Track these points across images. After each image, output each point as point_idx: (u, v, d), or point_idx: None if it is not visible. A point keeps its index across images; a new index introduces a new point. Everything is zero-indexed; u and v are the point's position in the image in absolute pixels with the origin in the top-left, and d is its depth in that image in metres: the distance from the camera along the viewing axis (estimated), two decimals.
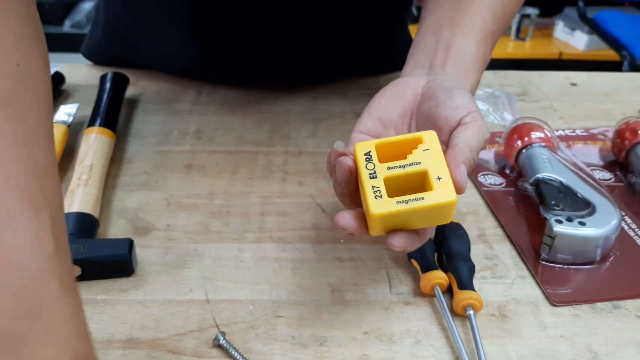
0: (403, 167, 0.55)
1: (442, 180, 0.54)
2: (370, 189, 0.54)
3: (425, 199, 0.53)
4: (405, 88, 0.66)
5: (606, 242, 0.71)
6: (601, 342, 0.63)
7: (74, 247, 0.68)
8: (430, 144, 0.56)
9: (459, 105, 0.61)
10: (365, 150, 0.56)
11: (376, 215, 0.53)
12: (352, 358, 0.61)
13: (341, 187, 0.57)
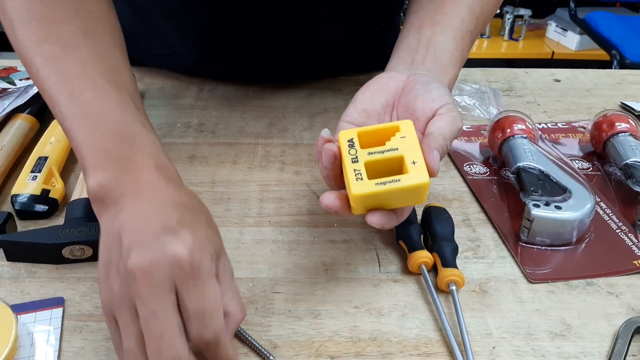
0: (382, 153, 0.61)
1: (416, 165, 0.60)
2: (352, 172, 0.60)
3: (401, 181, 0.59)
4: (388, 82, 0.71)
5: (581, 225, 0.77)
6: (574, 315, 0.68)
7: (86, 230, 0.73)
8: (407, 132, 0.62)
9: (435, 98, 0.67)
10: (348, 137, 0.62)
11: (357, 195, 0.59)
12: (344, 329, 0.66)
13: (327, 171, 0.63)
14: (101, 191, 0.56)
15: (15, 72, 1.10)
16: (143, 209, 0.54)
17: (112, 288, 0.52)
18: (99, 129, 0.59)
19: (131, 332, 0.52)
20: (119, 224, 0.54)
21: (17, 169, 0.89)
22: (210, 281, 0.53)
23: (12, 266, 0.73)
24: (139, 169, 0.57)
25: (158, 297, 0.50)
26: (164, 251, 0.51)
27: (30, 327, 0.64)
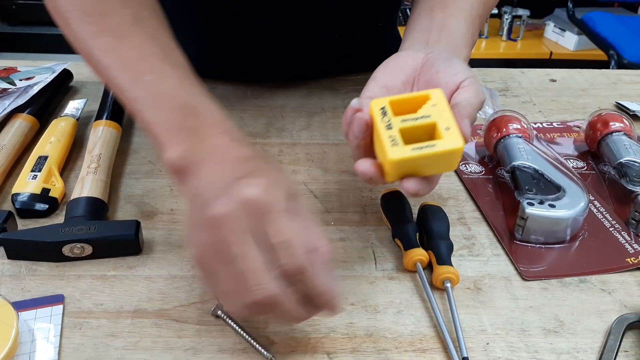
0: (415, 120, 0.62)
1: (450, 130, 0.61)
2: (388, 138, 0.60)
3: (437, 146, 0.60)
4: (407, 59, 0.72)
5: (575, 223, 0.78)
6: (567, 311, 0.69)
7: (85, 228, 0.74)
8: (438, 100, 0.63)
9: (458, 72, 0.68)
10: (380, 106, 0.63)
11: (394, 160, 0.60)
12: (340, 326, 0.67)
13: (357, 140, 0.64)
14: (179, 163, 0.61)
15: (16, 72, 1.11)
16: (216, 168, 0.60)
17: (200, 241, 0.57)
18: (165, 108, 0.65)
19: (227, 276, 0.56)
20: (198, 186, 0.59)
21: (17, 168, 0.90)
22: (285, 215, 0.56)
23: (12, 264, 0.74)
24: (209, 137, 0.63)
25: (241, 239, 0.55)
26: (238, 196, 0.55)
27: (30, 324, 0.65)
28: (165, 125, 0.64)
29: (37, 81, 1.06)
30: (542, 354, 0.64)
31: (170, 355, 0.63)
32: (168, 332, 0.66)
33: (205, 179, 0.59)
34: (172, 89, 0.66)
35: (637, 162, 0.87)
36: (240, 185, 0.56)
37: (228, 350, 0.64)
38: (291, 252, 0.55)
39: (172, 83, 0.67)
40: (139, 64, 0.67)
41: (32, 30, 4.32)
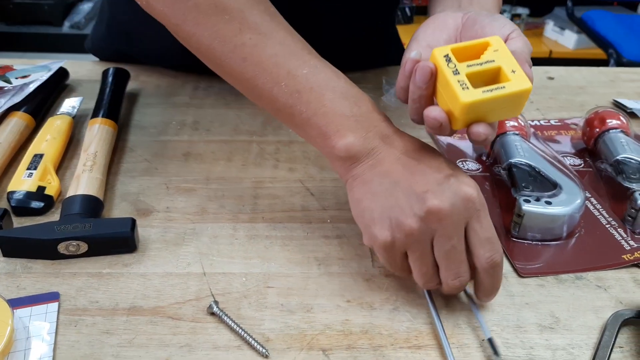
0: (480, 65, 0.62)
1: (516, 73, 0.61)
2: (457, 83, 0.60)
3: (506, 87, 0.60)
4: (447, 19, 0.72)
5: (571, 220, 0.78)
6: (563, 308, 0.69)
7: (81, 226, 0.74)
8: (499, 46, 0.63)
9: (504, 25, 0.68)
10: (443, 54, 0.62)
11: (466, 103, 0.59)
12: (336, 323, 0.67)
13: (420, 91, 0.64)
14: (352, 149, 0.65)
15: (11, 70, 1.10)
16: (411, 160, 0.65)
17: (406, 227, 0.62)
18: (328, 98, 0.67)
19: (428, 261, 0.64)
20: (385, 173, 0.64)
21: (13, 167, 0.90)
22: (488, 214, 0.64)
23: (8, 262, 0.74)
24: (375, 123, 0.67)
25: (458, 233, 0.62)
26: (457, 193, 0.61)
27: (26, 321, 0.65)
28: (330, 115, 0.66)
29: (33, 79, 1.05)
30: (537, 350, 0.64)
31: (165, 352, 0.63)
32: (163, 329, 0.66)
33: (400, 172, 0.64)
34: (329, 80, 0.69)
35: (633, 159, 0.87)
36: (453, 183, 0.62)
37: (223, 347, 0.64)
38: (495, 247, 0.63)
39: (328, 75, 0.69)
40: (291, 58, 0.69)
41: (30, 30, 4.32)
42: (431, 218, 0.60)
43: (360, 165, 0.66)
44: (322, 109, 0.67)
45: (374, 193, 0.64)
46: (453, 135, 0.74)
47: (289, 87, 0.68)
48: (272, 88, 0.68)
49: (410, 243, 0.63)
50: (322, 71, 0.69)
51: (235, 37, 0.69)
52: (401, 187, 0.63)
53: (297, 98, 0.68)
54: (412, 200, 0.61)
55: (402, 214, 0.62)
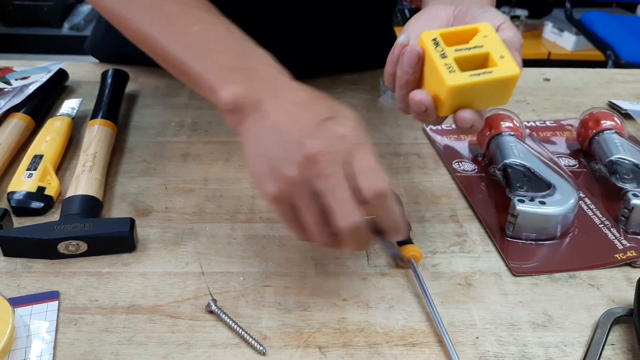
0: (468, 49, 0.63)
1: (504, 59, 0.62)
2: (444, 66, 0.61)
3: (494, 72, 0.61)
4: (438, 11, 0.73)
5: (565, 219, 0.78)
6: (556, 306, 0.70)
7: (81, 226, 0.75)
8: (488, 32, 0.64)
9: (495, 16, 0.68)
10: (432, 37, 0.63)
11: (453, 86, 0.60)
12: (332, 321, 0.68)
13: (407, 75, 0.64)
14: (237, 102, 0.64)
15: (11, 72, 1.11)
16: (293, 108, 0.62)
17: (289, 176, 0.59)
18: (217, 52, 0.68)
19: (314, 208, 0.60)
20: (271, 125, 0.62)
21: (13, 167, 0.90)
22: (370, 148, 0.61)
23: (8, 261, 0.75)
24: (265, 76, 0.66)
25: (337, 172, 0.58)
26: (332, 134, 0.59)
27: (26, 320, 0.66)
28: (217, 68, 0.66)
29: (33, 81, 1.06)
30: (530, 347, 0.65)
31: (164, 350, 0.64)
32: (162, 327, 0.66)
33: (285, 120, 0.61)
34: (221, 35, 0.70)
35: (627, 159, 0.87)
36: (329, 125, 0.60)
37: (221, 344, 0.65)
38: (377, 176, 0.59)
39: (220, 30, 0.70)
40: (185, 17, 0.70)
41: (29, 31, 4.32)
42: (308, 163, 0.59)
43: (248, 119, 0.64)
44: (211, 64, 0.67)
45: (261, 147, 0.62)
46: (441, 123, 0.73)
47: (182, 43, 0.69)
48: (167, 45, 0.69)
49: (295, 191, 0.60)
50: (216, 28, 0.70)
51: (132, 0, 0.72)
52: (283, 136, 0.61)
53: (188, 54, 0.68)
54: (291, 148, 0.60)
55: (283, 163, 0.60)
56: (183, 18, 0.70)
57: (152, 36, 0.70)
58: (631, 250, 0.77)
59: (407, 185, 0.90)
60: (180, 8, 0.70)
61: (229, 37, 0.70)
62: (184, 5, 0.71)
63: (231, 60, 0.67)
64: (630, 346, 0.65)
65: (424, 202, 0.87)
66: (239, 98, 0.64)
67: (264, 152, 0.62)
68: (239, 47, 0.69)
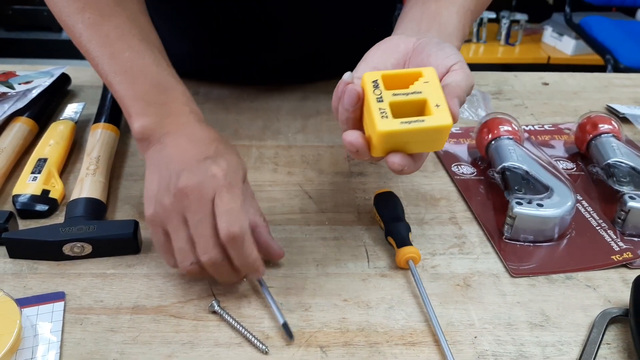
0: (406, 95, 0.63)
1: (440, 107, 0.62)
2: (377, 110, 0.62)
3: (426, 121, 0.61)
4: (399, 43, 0.73)
5: (562, 222, 0.80)
6: (553, 307, 0.71)
7: (85, 228, 0.76)
8: (430, 78, 0.64)
9: (449, 55, 0.69)
10: (372, 79, 0.64)
11: (382, 132, 0.61)
12: (333, 321, 0.69)
13: (347, 113, 0.66)
14: (146, 132, 0.72)
15: (14, 76, 1.12)
16: (185, 144, 0.70)
17: (163, 203, 0.67)
18: (138, 82, 0.74)
19: (182, 235, 0.66)
20: (165, 156, 0.70)
21: (17, 170, 0.92)
22: (238, 192, 0.67)
23: (14, 263, 0.76)
24: (176, 113, 0.73)
25: (204, 207, 0.65)
26: (206, 173, 0.66)
27: (33, 320, 0.67)
28: (135, 98, 0.74)
29: (36, 85, 1.08)
30: (527, 346, 0.66)
31: (168, 349, 0.65)
32: (166, 327, 0.68)
33: (174, 152, 0.70)
34: (147, 67, 0.75)
35: (624, 163, 0.89)
36: (207, 164, 0.67)
37: (224, 344, 0.66)
38: (233, 217, 0.65)
39: (147, 62, 0.75)
40: (119, 41, 0.75)
41: (29, 36, 4.33)
42: (180, 195, 0.65)
43: (151, 147, 0.72)
44: (131, 92, 0.74)
45: (154, 173, 0.70)
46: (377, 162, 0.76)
47: (110, 66, 0.75)
48: (98, 65, 0.76)
49: (166, 218, 0.67)
50: (144, 57, 0.75)
51: (77, 14, 0.76)
52: (169, 167, 0.68)
53: (114, 78, 0.75)
54: (171, 179, 0.67)
55: (162, 191, 0.67)
56: (117, 42, 0.75)
57: (89, 51, 0.76)
58: (627, 252, 0.78)
59: (407, 188, 0.91)
60: (117, 32, 0.76)
61: (154, 70, 0.75)
62: (120, 29, 0.76)
63: (150, 94, 0.74)
64: (625, 345, 0.66)
65: (424, 204, 0.88)
66: (147, 130, 0.73)
67: (154, 178, 0.70)
68: (160, 81, 0.75)
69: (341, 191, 0.90)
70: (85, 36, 0.76)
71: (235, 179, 0.68)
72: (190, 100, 0.76)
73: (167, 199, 0.66)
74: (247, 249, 0.67)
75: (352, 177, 0.93)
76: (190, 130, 0.72)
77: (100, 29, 0.75)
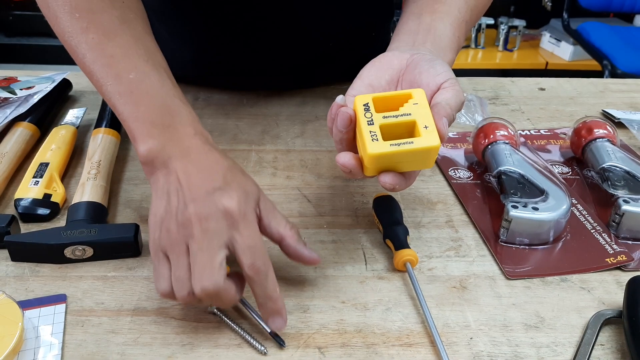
0: (396, 117, 0.65)
1: (428, 129, 0.64)
2: (368, 133, 0.64)
3: (414, 143, 0.64)
4: (393, 59, 0.75)
5: (557, 225, 0.81)
6: (548, 308, 0.72)
7: (86, 231, 0.77)
8: (419, 99, 0.67)
9: (440, 73, 0.71)
10: (364, 102, 0.66)
11: (373, 154, 0.63)
12: (331, 322, 0.70)
13: (341, 134, 0.68)
14: (150, 155, 0.69)
15: (16, 82, 1.13)
16: (193, 172, 0.68)
17: (169, 230, 0.65)
18: (144, 104, 0.71)
19: (182, 264, 0.65)
20: (172, 182, 0.68)
21: (19, 175, 0.93)
22: (255, 224, 0.67)
23: (16, 266, 0.77)
24: (182, 136, 0.71)
25: (209, 240, 0.64)
26: (217, 205, 0.65)
27: (35, 322, 0.68)
28: (140, 121, 0.71)
29: (37, 90, 1.08)
30: (522, 347, 0.67)
31: (168, 350, 0.66)
32: (166, 328, 0.69)
33: (183, 181, 0.67)
34: (152, 88, 0.73)
35: (619, 167, 0.90)
36: (217, 196, 0.66)
37: (224, 345, 0.67)
38: (257, 254, 0.65)
39: (153, 83, 0.73)
40: (124, 62, 0.73)
41: (30, 42, 4.34)
42: (188, 224, 0.64)
43: (157, 172, 0.70)
44: (135, 114, 0.71)
45: (160, 199, 0.68)
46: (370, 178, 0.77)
47: (114, 87, 0.72)
48: (102, 86, 0.73)
49: (169, 245, 0.65)
50: (149, 78, 0.73)
51: (80, 35, 0.74)
52: (177, 195, 0.67)
53: (118, 100, 0.72)
54: (179, 207, 0.66)
55: (168, 218, 0.66)
56: (122, 62, 0.73)
57: (92, 72, 0.74)
58: (621, 255, 0.79)
59: (404, 192, 0.92)
60: (121, 52, 0.73)
61: (159, 92, 0.73)
62: (125, 49, 0.74)
63: (155, 116, 0.71)
64: (619, 346, 0.67)
65: (421, 208, 0.89)
66: (152, 153, 0.69)
67: (161, 204, 0.68)
68: (166, 104, 0.72)
69: (339, 195, 0.91)
70: (89, 57, 0.74)
71: (248, 208, 0.67)
72: (196, 121, 0.74)
73: (173, 226, 0.65)
74: (270, 285, 0.67)
75: (351, 181, 0.94)
76: (196, 156, 0.70)
77: (104, 50, 0.73)
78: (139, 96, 0.72)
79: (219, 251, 0.64)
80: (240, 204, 0.66)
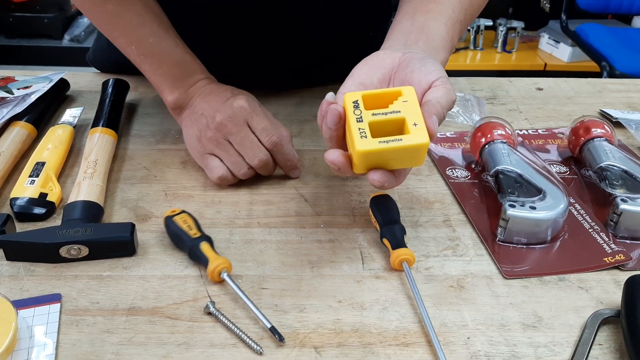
0: (385, 114, 0.66)
1: (417, 126, 0.64)
2: (357, 130, 0.64)
3: (403, 140, 0.64)
4: (385, 58, 0.75)
5: (555, 224, 0.80)
6: (546, 308, 0.72)
7: (82, 230, 0.77)
8: (409, 97, 0.67)
9: (431, 72, 0.71)
10: (353, 99, 0.66)
11: (361, 151, 0.63)
12: (327, 322, 0.69)
13: (331, 131, 0.68)
14: (177, 102, 0.95)
15: (13, 81, 1.13)
16: (209, 97, 0.93)
17: (209, 138, 0.90)
18: (165, 64, 0.94)
19: (233, 152, 0.90)
20: (197, 111, 0.93)
21: (15, 174, 0.92)
22: (263, 114, 0.92)
23: (11, 265, 0.76)
24: (197, 82, 0.96)
25: (242, 128, 0.90)
26: (233, 106, 0.91)
27: (29, 321, 0.68)
28: (164, 77, 0.94)
29: (35, 90, 1.08)
30: (520, 347, 0.66)
31: (163, 350, 0.65)
32: (161, 328, 0.68)
33: (204, 105, 0.92)
34: (170, 49, 0.94)
35: (616, 166, 0.89)
36: (232, 101, 0.91)
37: (219, 344, 0.66)
38: (270, 132, 0.90)
39: (170, 45, 0.94)
40: (142, 28, 0.92)
41: (30, 43, 4.34)
42: (223, 127, 0.89)
43: (184, 112, 0.96)
44: (159, 71, 0.94)
45: (191, 127, 0.93)
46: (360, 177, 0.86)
47: (138, 50, 0.93)
48: (126, 48, 0.94)
49: (216, 146, 0.90)
50: (165, 41, 0.94)
51: (100, 5, 0.91)
52: (203, 115, 0.91)
53: (142, 60, 0.94)
54: (209, 120, 0.90)
55: (204, 131, 0.90)
56: (140, 29, 0.92)
57: (114, 38, 0.94)
58: (619, 254, 0.79)
59: (401, 191, 0.92)
60: (138, 20, 0.92)
61: (175, 51, 0.94)
62: (140, 17, 0.92)
63: (176, 72, 0.94)
64: (617, 346, 0.67)
65: (418, 207, 0.88)
66: (178, 100, 0.95)
67: (193, 130, 0.92)
68: (182, 60, 0.95)
69: (337, 194, 0.91)
70: (112, 24, 0.92)
71: (256, 106, 0.92)
72: (204, 69, 0.97)
73: (210, 134, 0.89)
74: (287, 150, 0.92)
75: (348, 180, 0.94)
76: (209, 89, 0.94)
77: (123, 18, 0.91)
78: (160, 56, 0.93)
79: (252, 134, 0.89)
80: (249, 102, 0.91)
